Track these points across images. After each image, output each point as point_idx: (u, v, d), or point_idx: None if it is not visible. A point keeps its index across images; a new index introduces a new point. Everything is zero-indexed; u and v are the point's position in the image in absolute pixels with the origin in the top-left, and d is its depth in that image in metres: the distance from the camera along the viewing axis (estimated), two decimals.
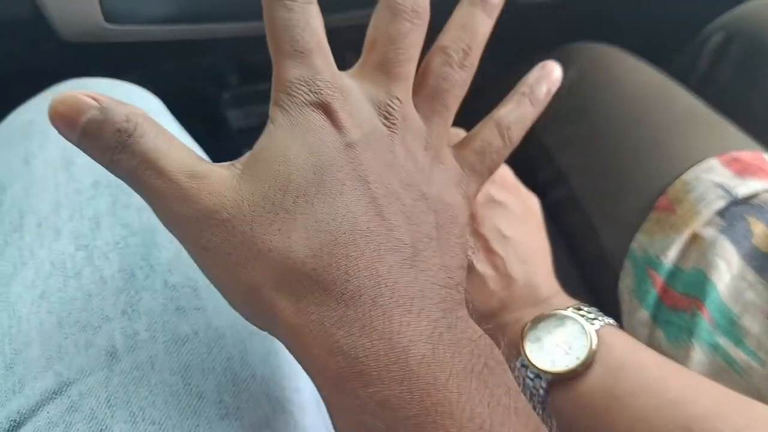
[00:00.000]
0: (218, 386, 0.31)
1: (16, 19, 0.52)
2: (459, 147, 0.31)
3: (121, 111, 0.24)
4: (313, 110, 0.26)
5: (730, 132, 0.53)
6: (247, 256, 0.24)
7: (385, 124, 0.27)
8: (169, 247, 0.35)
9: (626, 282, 0.49)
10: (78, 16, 0.49)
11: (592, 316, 0.34)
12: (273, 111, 0.26)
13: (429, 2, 0.29)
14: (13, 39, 0.57)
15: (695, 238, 0.45)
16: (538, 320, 0.33)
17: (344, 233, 0.24)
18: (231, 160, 0.26)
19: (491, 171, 0.31)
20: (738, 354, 0.41)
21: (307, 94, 0.26)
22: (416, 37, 0.28)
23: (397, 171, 0.26)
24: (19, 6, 0.49)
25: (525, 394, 0.31)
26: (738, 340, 0.41)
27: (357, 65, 0.29)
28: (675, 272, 0.46)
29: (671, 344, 0.44)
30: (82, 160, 0.38)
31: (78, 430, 0.28)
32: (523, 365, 0.32)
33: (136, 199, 0.36)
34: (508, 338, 0.34)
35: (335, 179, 0.25)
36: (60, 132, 0.24)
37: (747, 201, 0.45)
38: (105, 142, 0.24)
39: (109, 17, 0.49)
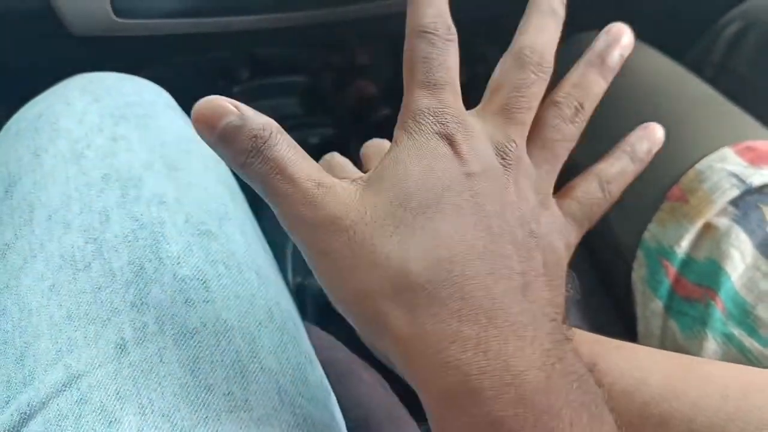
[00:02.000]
0: (227, 379, 0.31)
1: (27, 14, 0.52)
2: (561, 196, 0.32)
3: (259, 120, 0.25)
4: (438, 139, 0.27)
5: (745, 121, 0.53)
6: (365, 263, 0.25)
7: (501, 163, 0.28)
8: (178, 240, 0.35)
9: (639, 272, 0.49)
10: (87, 10, 0.49)
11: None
12: (398, 134, 0.28)
13: (552, 59, 0.30)
14: (24, 33, 0.57)
15: (708, 227, 0.45)
16: None
17: (461, 252, 0.25)
18: None
19: (591, 222, 0.32)
20: (752, 344, 0.40)
21: (434, 124, 0.27)
22: (538, 89, 0.30)
23: (511, 206, 0.27)
24: (30, 0, 0.49)
25: None
26: (752, 330, 0.41)
27: (480, 106, 0.30)
28: (688, 262, 0.45)
29: (685, 335, 0.44)
30: (92, 154, 0.38)
31: (88, 422, 0.28)
32: None
33: (146, 193, 0.36)
34: None
35: (454, 202, 0.26)
36: (198, 133, 0.26)
37: (761, 190, 0.45)
38: (241, 145, 0.25)
39: (118, 11, 0.50)
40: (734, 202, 0.45)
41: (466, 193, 0.26)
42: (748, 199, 0.44)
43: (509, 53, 0.30)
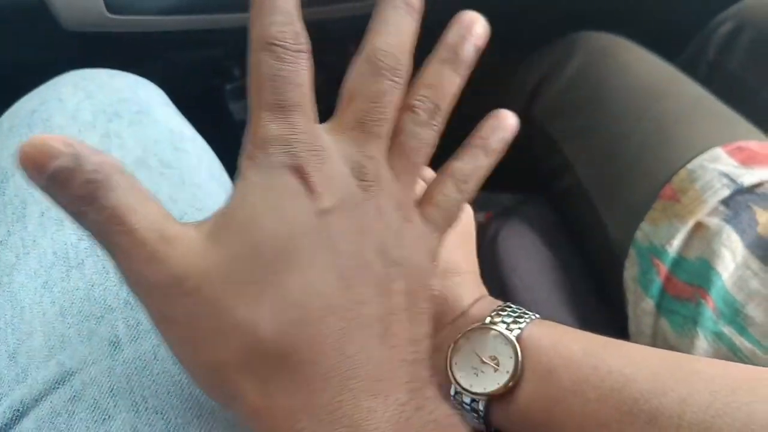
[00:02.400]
0: None
1: (20, 9, 0.52)
2: (421, 204, 0.30)
3: (93, 160, 0.22)
4: (288, 173, 0.24)
5: (737, 122, 0.53)
6: (213, 331, 0.23)
7: (360, 186, 0.26)
8: None
9: (631, 271, 0.49)
10: (80, 5, 0.49)
11: (511, 319, 0.32)
12: (245, 166, 0.25)
13: (409, 59, 0.28)
14: (17, 29, 0.57)
15: (700, 227, 0.45)
16: (459, 343, 0.32)
17: (314, 310, 0.23)
18: (233, 151, 0.25)
19: (450, 224, 0.30)
20: (742, 342, 0.41)
21: (283, 155, 0.24)
22: (395, 96, 0.27)
23: (369, 236, 0.25)
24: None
25: (466, 419, 0.31)
26: (742, 329, 0.41)
27: (334, 119, 0.28)
28: (679, 261, 0.46)
29: (676, 333, 0.44)
30: None
31: (81, 419, 0.28)
32: (456, 392, 0.32)
33: None
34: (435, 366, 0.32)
35: (307, 250, 0.24)
36: (27, 175, 0.22)
37: (752, 190, 0.45)
38: (73, 191, 0.22)
39: (110, 7, 0.49)
40: (725, 202, 0.45)
41: (320, 235, 0.24)
42: (739, 199, 0.45)
43: (361, 57, 0.27)
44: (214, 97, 0.76)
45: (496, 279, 0.54)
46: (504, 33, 0.32)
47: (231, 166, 0.45)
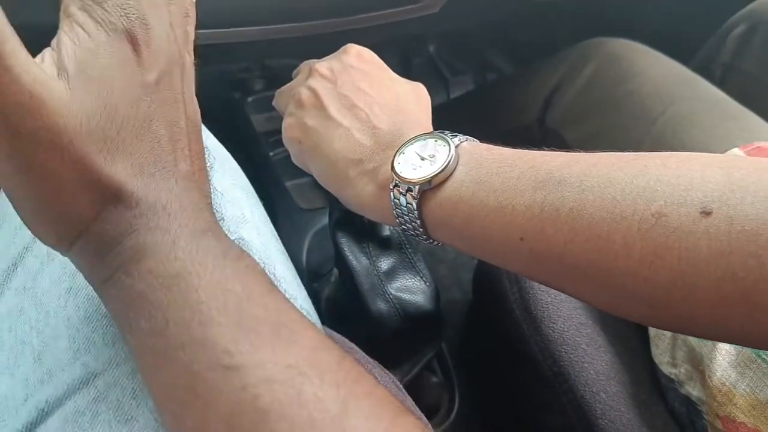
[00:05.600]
0: None
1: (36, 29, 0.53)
2: None
3: None
4: (126, 41, 0.28)
5: (754, 122, 0.53)
6: (76, 182, 0.26)
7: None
8: None
9: None
10: None
11: (453, 134, 0.35)
12: (83, 18, 0.27)
13: None
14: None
15: None
16: (404, 146, 0.36)
17: (150, 165, 0.27)
18: (255, 162, 0.27)
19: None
20: None
21: (120, 18, 0.27)
22: None
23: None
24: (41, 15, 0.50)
25: (402, 216, 0.35)
26: None
27: None
28: None
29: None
30: None
31: (104, 419, 0.29)
32: (395, 185, 0.34)
33: None
34: (380, 176, 0.36)
35: (143, 116, 0.28)
36: None
37: None
38: None
39: None
40: None
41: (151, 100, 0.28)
42: None
43: None
44: (236, 109, 0.78)
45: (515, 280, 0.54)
46: (517, 39, 0.32)
47: (253, 176, 0.46)
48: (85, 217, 0.26)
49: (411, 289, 0.47)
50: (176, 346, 0.24)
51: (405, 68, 0.99)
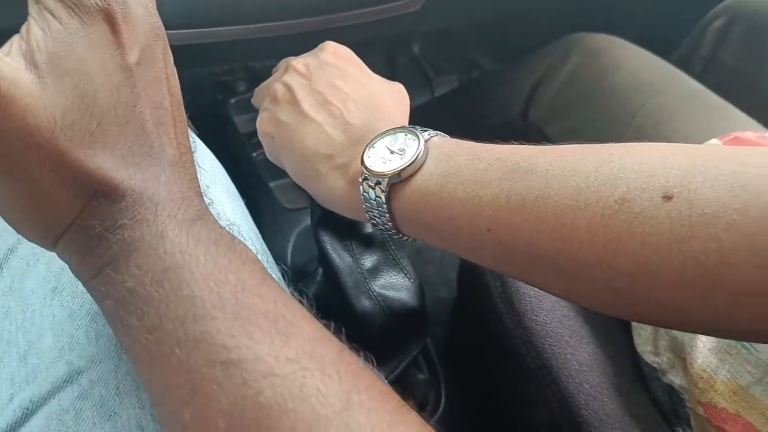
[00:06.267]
0: None
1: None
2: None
3: None
4: (102, 22, 0.26)
5: (733, 114, 0.53)
6: (56, 179, 0.25)
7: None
8: None
9: None
10: None
11: (423, 129, 0.36)
12: (53, 3, 0.26)
13: None
14: None
15: None
16: (374, 139, 0.36)
17: (133, 155, 0.27)
18: (239, 162, 0.27)
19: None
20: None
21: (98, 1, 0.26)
22: None
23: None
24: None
25: (371, 210, 0.34)
26: None
27: None
28: None
29: None
30: None
31: (88, 416, 0.29)
32: (364, 179, 0.35)
33: None
34: (351, 171, 0.36)
35: (126, 102, 0.26)
36: None
37: None
38: None
39: None
40: None
41: (132, 88, 0.27)
42: None
43: None
44: (219, 111, 0.78)
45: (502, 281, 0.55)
46: (501, 37, 0.33)
47: (237, 177, 0.46)
48: (69, 213, 0.26)
49: (395, 285, 0.47)
50: (171, 342, 0.24)
51: (390, 68, 0.99)
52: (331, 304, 0.52)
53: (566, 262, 0.28)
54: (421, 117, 0.42)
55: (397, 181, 0.34)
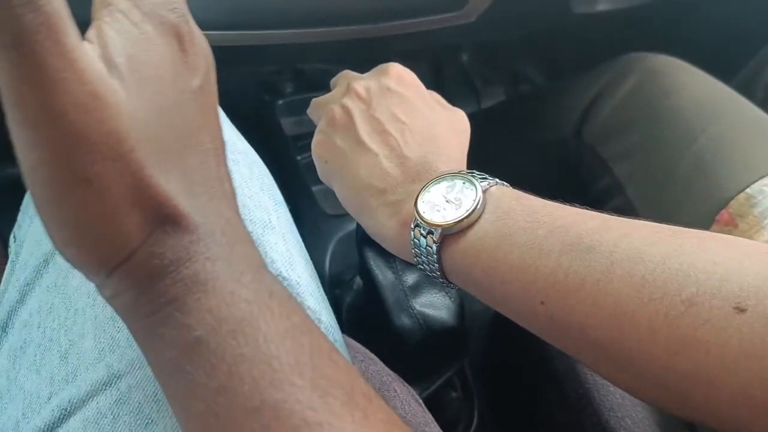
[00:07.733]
0: None
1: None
2: None
3: None
4: (173, 37, 0.25)
5: None
6: (130, 197, 0.22)
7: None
8: None
9: None
10: None
11: (482, 177, 0.34)
12: (127, 6, 0.24)
13: None
14: None
15: None
16: (429, 183, 0.34)
17: (198, 185, 0.24)
18: (282, 165, 0.26)
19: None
20: None
21: (169, 12, 0.25)
22: None
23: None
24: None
25: (420, 257, 0.33)
26: None
27: None
28: None
29: None
30: None
31: (125, 422, 0.29)
32: (416, 225, 0.33)
33: None
34: (403, 212, 0.35)
35: (193, 126, 0.25)
36: None
37: None
38: None
39: None
40: None
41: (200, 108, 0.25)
42: None
43: None
44: (265, 112, 0.78)
45: None
46: (553, 54, 0.32)
47: (282, 178, 0.46)
48: (135, 239, 0.22)
49: (436, 304, 0.47)
50: (245, 409, 0.21)
51: (437, 76, 0.98)
52: (369, 317, 0.51)
53: (621, 353, 0.27)
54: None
55: (450, 233, 0.32)
